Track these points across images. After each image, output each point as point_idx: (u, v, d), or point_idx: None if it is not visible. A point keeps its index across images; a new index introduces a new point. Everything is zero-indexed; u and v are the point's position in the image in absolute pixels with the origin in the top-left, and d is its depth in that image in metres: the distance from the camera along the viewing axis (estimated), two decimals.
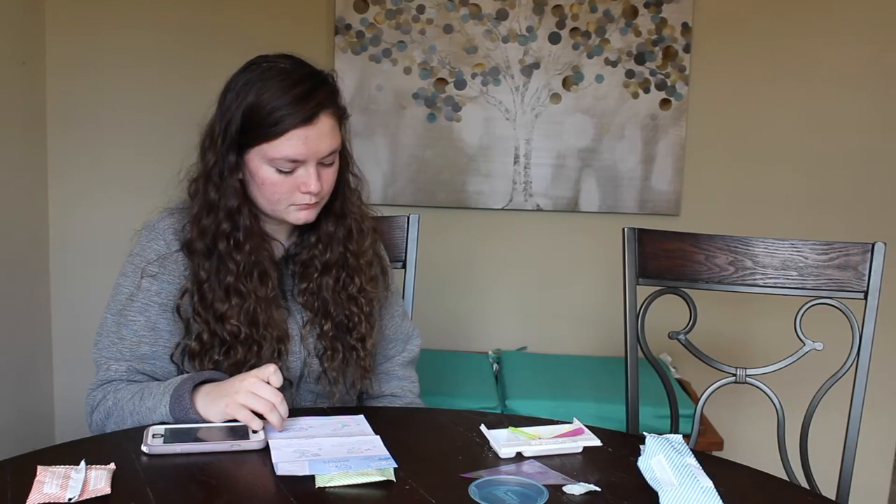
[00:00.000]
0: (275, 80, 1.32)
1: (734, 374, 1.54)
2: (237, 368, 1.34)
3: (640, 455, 1.13)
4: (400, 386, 1.61)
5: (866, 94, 2.76)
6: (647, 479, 1.09)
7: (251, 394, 1.21)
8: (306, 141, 1.32)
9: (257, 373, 1.24)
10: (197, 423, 1.23)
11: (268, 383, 1.22)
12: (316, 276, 1.44)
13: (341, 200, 1.46)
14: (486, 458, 1.17)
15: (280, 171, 1.33)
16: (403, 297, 1.73)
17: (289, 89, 1.31)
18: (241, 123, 1.33)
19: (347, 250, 1.46)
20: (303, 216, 1.38)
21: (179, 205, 1.44)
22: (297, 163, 1.33)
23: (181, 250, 1.38)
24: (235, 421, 1.22)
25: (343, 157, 1.44)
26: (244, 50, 2.74)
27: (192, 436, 1.18)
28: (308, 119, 1.31)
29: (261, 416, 1.21)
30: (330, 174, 1.39)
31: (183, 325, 1.37)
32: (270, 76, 1.33)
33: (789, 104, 2.78)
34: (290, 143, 1.31)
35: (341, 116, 1.39)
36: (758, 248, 1.57)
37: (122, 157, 2.86)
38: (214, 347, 1.36)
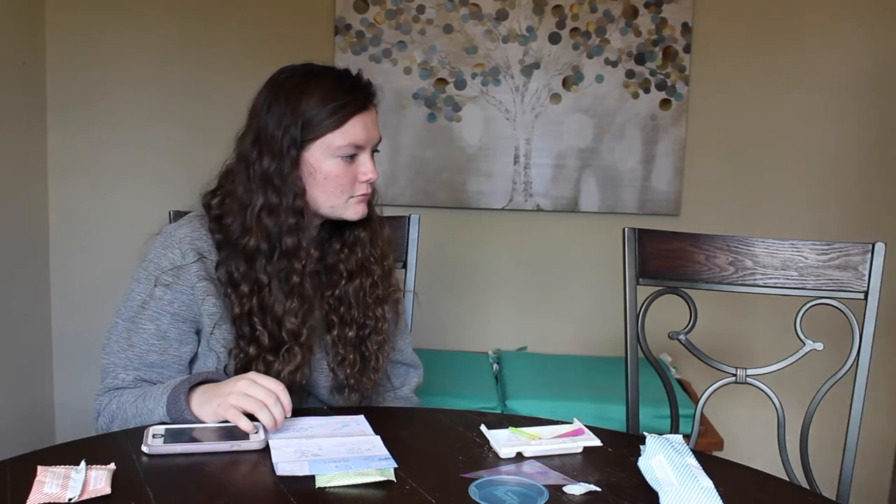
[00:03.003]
0: (322, 79, 1.37)
1: (734, 374, 1.54)
2: (297, 373, 1.35)
3: (640, 455, 1.13)
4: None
5: (866, 94, 2.76)
6: (648, 479, 1.09)
7: (244, 395, 1.20)
8: (366, 126, 1.38)
9: (253, 375, 1.24)
10: (196, 423, 1.23)
11: (263, 386, 1.22)
12: (343, 282, 1.46)
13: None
14: (487, 458, 1.17)
15: (343, 160, 1.37)
16: (404, 295, 1.72)
17: (339, 83, 1.38)
18: (303, 121, 1.35)
19: (372, 254, 1.48)
20: (360, 209, 1.42)
21: (198, 213, 1.44)
22: (359, 149, 1.38)
23: (197, 262, 1.37)
24: None
25: None
26: (244, 49, 2.77)
27: (191, 436, 1.18)
28: (365, 105, 1.39)
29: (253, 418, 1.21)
30: (375, 165, 1.44)
31: (233, 339, 1.36)
32: (315, 74, 1.38)
33: (789, 104, 2.78)
34: (354, 130, 1.37)
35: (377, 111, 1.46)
36: (758, 248, 1.57)
37: (121, 157, 2.86)
38: (271, 351, 1.35)
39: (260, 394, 1.20)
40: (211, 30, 2.80)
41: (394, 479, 1.08)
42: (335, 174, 1.37)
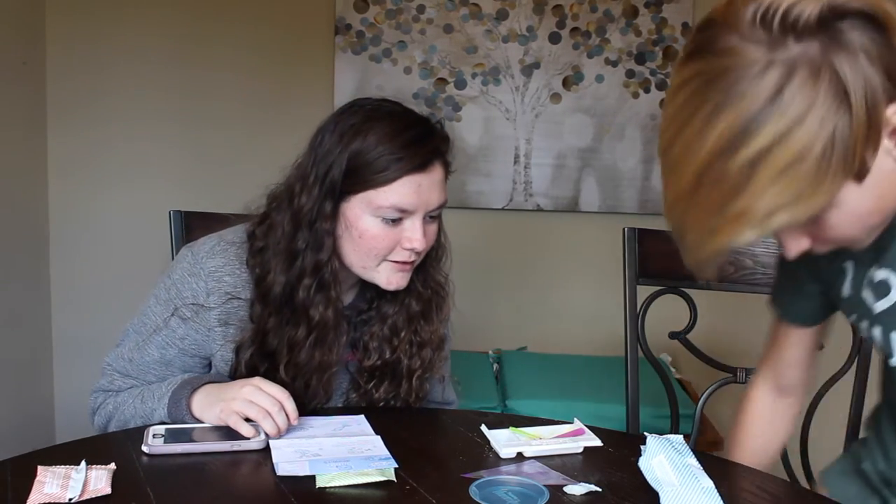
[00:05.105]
0: (385, 122, 1.23)
1: (734, 374, 1.54)
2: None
3: (640, 455, 1.13)
4: None
5: None
6: (648, 479, 1.09)
7: (247, 401, 1.18)
8: (419, 189, 1.22)
9: (258, 381, 1.21)
10: (197, 423, 1.23)
11: (267, 393, 1.19)
12: (385, 356, 1.34)
13: (423, 274, 1.36)
14: (487, 458, 1.17)
15: (384, 222, 1.22)
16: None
17: (402, 132, 1.22)
18: (346, 168, 1.21)
19: (419, 327, 1.36)
20: (395, 280, 1.27)
21: (237, 238, 1.32)
22: (405, 213, 1.23)
23: (221, 306, 1.29)
24: None
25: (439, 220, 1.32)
26: (244, 49, 2.77)
27: (192, 436, 1.18)
28: (423, 165, 1.22)
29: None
30: (433, 232, 1.30)
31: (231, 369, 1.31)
32: (378, 117, 1.23)
33: None
34: (402, 191, 1.21)
35: (448, 170, 1.30)
36: (758, 247, 1.57)
37: (122, 157, 2.85)
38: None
39: (265, 402, 1.18)
40: (211, 30, 2.79)
41: (394, 479, 1.08)
42: (371, 235, 1.23)
